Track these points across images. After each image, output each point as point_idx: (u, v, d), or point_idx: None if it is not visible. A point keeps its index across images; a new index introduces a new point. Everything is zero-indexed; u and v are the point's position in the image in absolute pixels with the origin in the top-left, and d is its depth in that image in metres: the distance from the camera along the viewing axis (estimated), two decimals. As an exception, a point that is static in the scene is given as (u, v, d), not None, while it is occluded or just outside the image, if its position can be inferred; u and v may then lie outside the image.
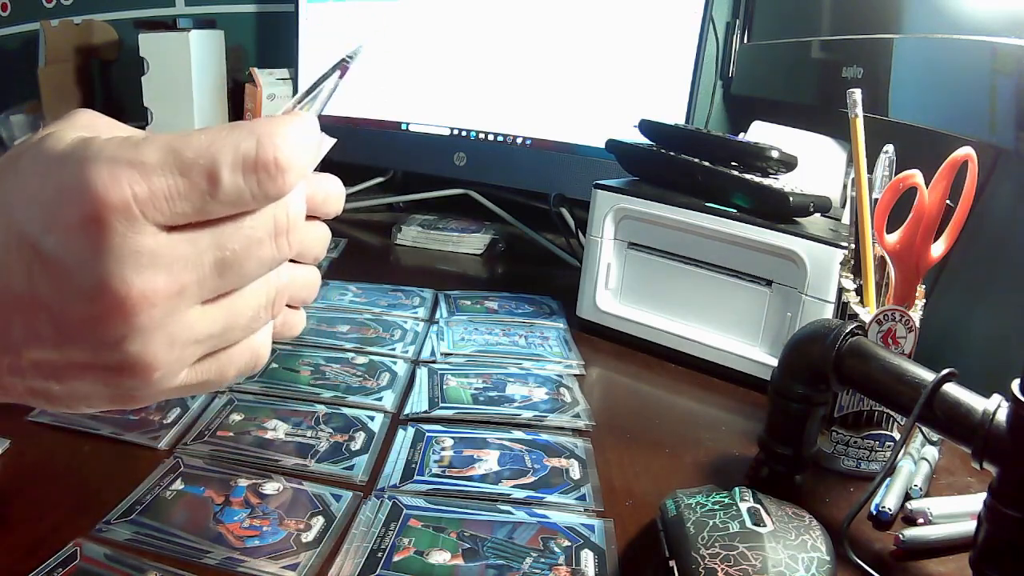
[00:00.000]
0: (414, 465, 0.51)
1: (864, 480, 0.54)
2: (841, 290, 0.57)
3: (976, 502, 0.41)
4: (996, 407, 0.39)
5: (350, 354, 0.67)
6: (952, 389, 0.41)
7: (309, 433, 0.54)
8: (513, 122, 1.07)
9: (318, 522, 0.44)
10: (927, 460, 0.54)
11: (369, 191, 1.26)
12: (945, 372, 0.42)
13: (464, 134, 1.10)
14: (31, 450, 0.49)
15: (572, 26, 1.01)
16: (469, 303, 0.83)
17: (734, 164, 0.72)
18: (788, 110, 0.94)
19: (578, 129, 1.02)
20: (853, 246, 0.56)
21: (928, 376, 0.43)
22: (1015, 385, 0.38)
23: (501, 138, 1.08)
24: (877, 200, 0.53)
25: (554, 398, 0.62)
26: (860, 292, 0.55)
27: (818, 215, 0.68)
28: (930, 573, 0.45)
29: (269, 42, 1.41)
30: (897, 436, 0.54)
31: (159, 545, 0.41)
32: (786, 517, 0.41)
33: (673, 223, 0.71)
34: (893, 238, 0.52)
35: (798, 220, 0.67)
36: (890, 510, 0.48)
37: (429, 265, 1.01)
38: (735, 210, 0.68)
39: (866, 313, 0.54)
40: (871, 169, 0.55)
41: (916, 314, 0.52)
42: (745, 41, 1.15)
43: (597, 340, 0.76)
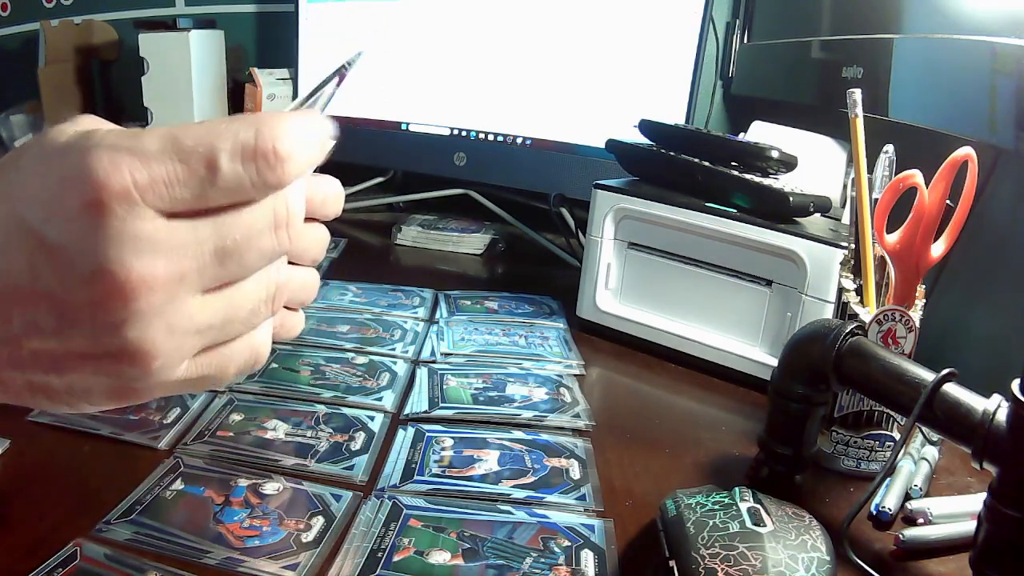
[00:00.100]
0: (414, 465, 0.51)
1: (864, 480, 0.54)
2: (841, 290, 0.57)
3: (976, 502, 0.41)
4: (996, 407, 0.39)
5: (350, 354, 0.67)
6: (952, 389, 0.41)
7: (309, 433, 0.54)
8: (513, 122, 1.07)
9: (318, 522, 0.44)
10: (927, 460, 0.54)
11: (369, 191, 1.26)
12: (945, 372, 0.42)
13: (464, 134, 1.10)
14: (31, 450, 0.49)
15: (572, 26, 1.01)
16: (469, 303, 0.83)
17: (734, 164, 0.72)
18: (788, 110, 0.94)
19: (578, 129, 1.02)
20: (853, 246, 0.56)
21: (928, 376, 0.43)
22: (1015, 385, 0.38)
23: (501, 138, 1.08)
24: (877, 200, 0.53)
25: (554, 398, 0.62)
26: (860, 292, 0.55)
27: (818, 215, 0.69)
28: (930, 573, 0.45)
29: (269, 42, 1.41)
30: (897, 436, 0.54)
31: (159, 545, 0.41)
32: (786, 517, 0.41)
33: (673, 223, 0.71)
34: (893, 238, 0.52)
35: (798, 220, 0.67)
36: (890, 510, 0.48)
37: (429, 265, 1.01)
38: (735, 210, 0.68)
39: (866, 313, 0.54)
40: (871, 169, 0.55)
41: (916, 314, 0.52)
42: (745, 41, 1.15)
43: (597, 340, 0.76)
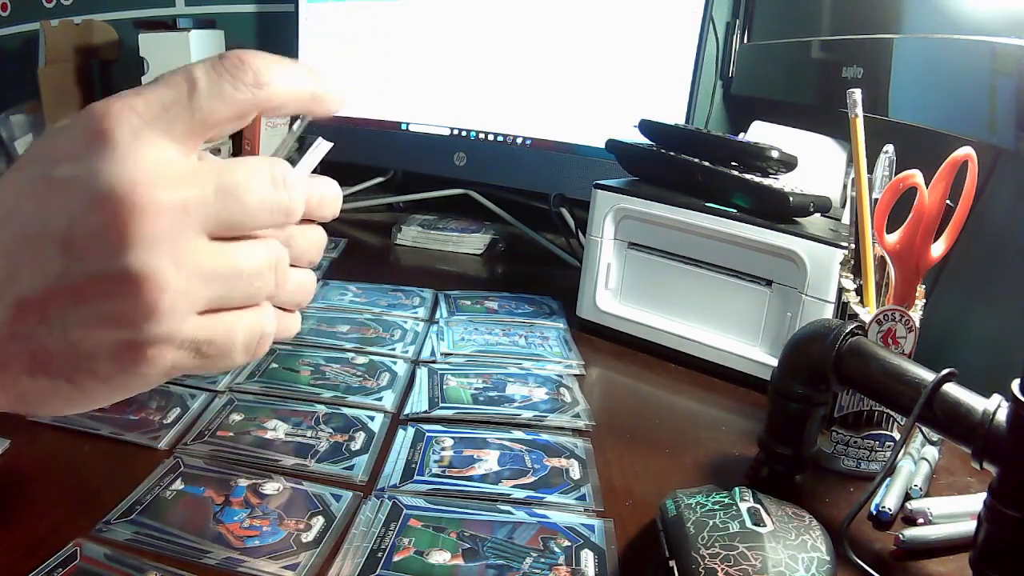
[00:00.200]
0: (414, 465, 0.51)
1: (864, 480, 0.54)
2: (841, 290, 0.57)
3: (976, 502, 0.41)
4: (996, 407, 0.39)
5: (350, 354, 0.67)
6: (952, 389, 0.41)
7: (309, 433, 0.54)
8: (513, 122, 1.07)
9: (318, 522, 0.44)
10: (927, 460, 0.54)
11: (369, 191, 1.26)
12: (945, 372, 0.42)
13: (464, 134, 1.10)
14: (31, 450, 0.49)
15: (572, 26, 1.01)
16: (469, 303, 0.83)
17: (734, 164, 0.72)
18: (788, 110, 0.94)
19: (578, 129, 1.02)
20: (853, 246, 0.56)
21: (928, 376, 0.43)
22: (1015, 385, 0.38)
23: (501, 138, 1.08)
24: (877, 200, 0.53)
25: (554, 398, 0.62)
26: (860, 292, 0.55)
27: (818, 215, 0.68)
28: (930, 573, 0.45)
29: (269, 42, 1.41)
30: (897, 436, 0.54)
31: (159, 545, 0.41)
32: (786, 517, 0.41)
33: (673, 223, 0.71)
34: (893, 238, 0.52)
35: (798, 220, 0.67)
36: (890, 510, 0.48)
37: (429, 265, 1.01)
38: (735, 210, 0.68)
39: (866, 313, 0.54)
40: (871, 169, 0.55)
41: (916, 314, 0.52)
42: (745, 41, 1.15)
43: (597, 340, 0.76)
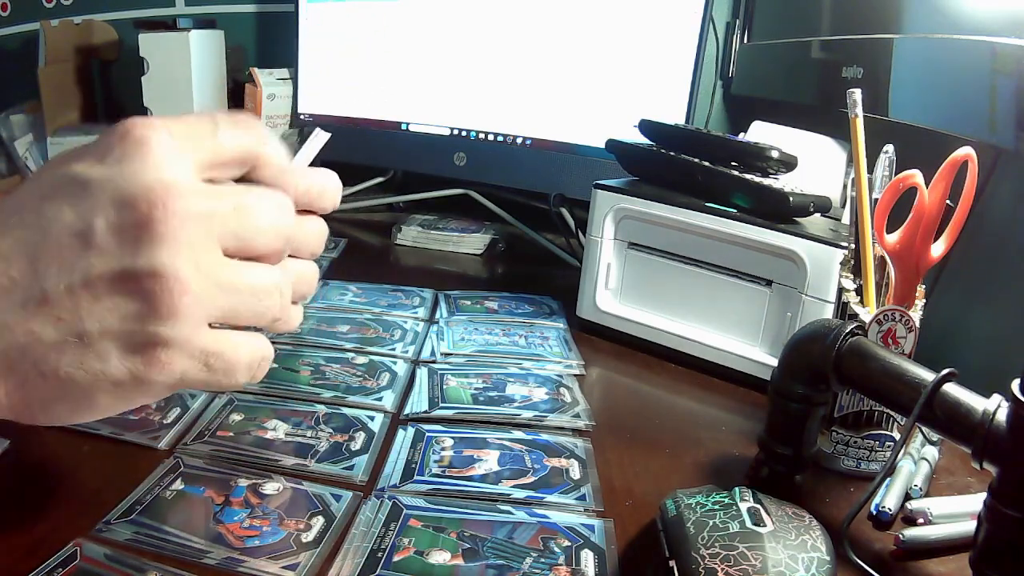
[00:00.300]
0: (414, 465, 0.51)
1: (864, 480, 0.54)
2: (841, 290, 0.57)
3: (976, 502, 0.41)
4: (996, 407, 0.39)
5: (350, 354, 0.67)
6: (952, 389, 0.41)
7: (309, 433, 0.54)
8: (513, 122, 1.07)
9: (318, 522, 0.44)
10: (927, 460, 0.54)
11: (369, 191, 1.26)
12: (945, 372, 0.42)
13: (464, 134, 1.10)
14: (31, 450, 0.49)
15: (572, 26, 1.01)
16: (469, 303, 0.83)
17: (734, 164, 0.72)
18: (788, 110, 0.94)
19: (578, 129, 1.02)
20: (853, 246, 0.56)
21: (928, 376, 0.43)
22: (1015, 385, 0.38)
23: (501, 138, 1.08)
24: (877, 200, 0.53)
25: (554, 398, 0.62)
26: (860, 292, 0.55)
27: (818, 215, 0.68)
28: (930, 573, 0.45)
29: (269, 42, 1.41)
30: (897, 436, 0.54)
31: (159, 545, 0.41)
32: (786, 517, 0.41)
33: (673, 223, 0.71)
34: (893, 238, 0.52)
35: (798, 220, 0.67)
36: (890, 510, 0.48)
37: (429, 265, 1.01)
38: (735, 210, 0.68)
39: (866, 313, 0.54)
40: (871, 169, 0.55)
41: (916, 314, 0.52)
42: (745, 41, 1.15)
43: (597, 340, 0.76)
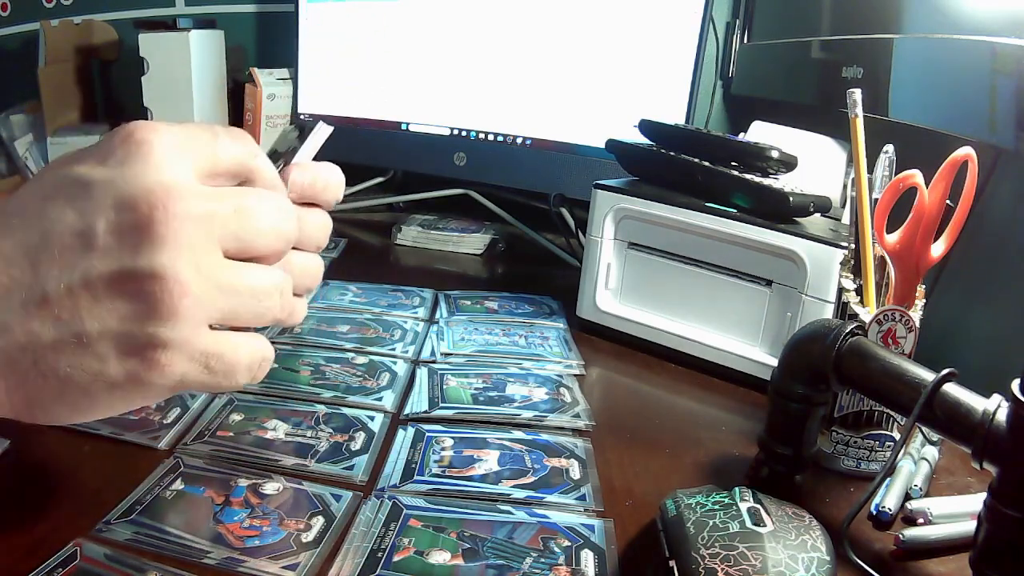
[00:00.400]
0: (414, 465, 0.51)
1: (864, 480, 0.54)
2: (841, 290, 0.57)
3: (976, 502, 0.41)
4: (996, 407, 0.39)
5: (350, 354, 0.67)
6: (952, 389, 0.41)
7: (309, 433, 0.54)
8: (513, 122, 1.07)
9: (318, 522, 0.44)
10: (927, 460, 0.54)
11: (369, 191, 1.26)
12: (945, 372, 0.42)
13: (464, 134, 1.10)
14: (31, 450, 0.49)
15: (572, 26, 1.01)
16: (469, 303, 0.83)
17: (734, 164, 0.72)
18: (788, 110, 0.94)
19: (578, 129, 1.02)
20: (853, 246, 0.56)
21: (928, 376, 0.43)
22: (1015, 385, 0.38)
23: (501, 138, 1.08)
24: (877, 200, 0.53)
25: (554, 398, 0.62)
26: (860, 292, 0.55)
27: (818, 215, 0.68)
28: (930, 573, 0.45)
29: (269, 42, 1.41)
30: (897, 436, 0.54)
31: (159, 545, 0.41)
32: (786, 517, 0.41)
33: (673, 223, 0.71)
34: (893, 238, 0.52)
35: (798, 220, 0.67)
36: (890, 510, 0.48)
37: (429, 265, 1.01)
38: (735, 210, 0.68)
39: (866, 313, 0.54)
40: (871, 169, 0.55)
41: (916, 314, 0.52)
42: (745, 41, 1.15)
43: (597, 340, 0.76)
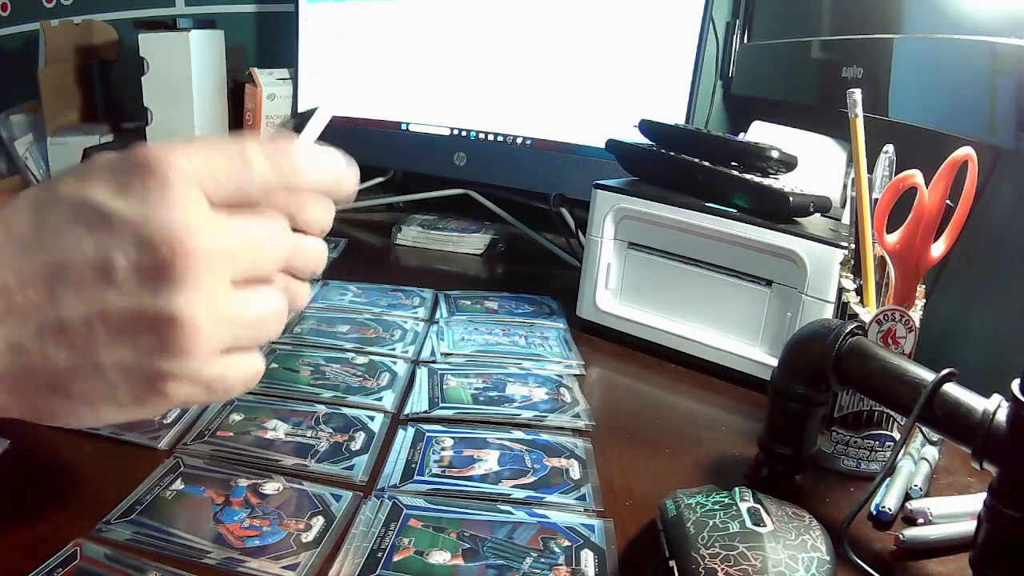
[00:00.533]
0: (414, 465, 0.51)
1: (864, 480, 0.54)
2: (841, 290, 0.57)
3: (976, 502, 0.41)
4: (996, 407, 0.39)
5: (350, 354, 0.67)
6: (952, 389, 0.41)
7: (309, 433, 0.54)
8: (513, 122, 1.07)
9: (318, 522, 0.44)
10: (927, 460, 0.54)
11: (369, 191, 1.26)
12: (945, 372, 0.42)
13: (464, 134, 1.10)
14: (31, 450, 0.49)
15: (572, 26, 1.01)
16: (469, 303, 0.83)
17: (734, 164, 0.72)
18: (788, 110, 0.94)
19: (578, 129, 1.02)
20: (853, 246, 0.56)
21: (928, 376, 0.43)
22: (1015, 385, 0.38)
23: (501, 138, 1.08)
24: (877, 200, 0.53)
25: (554, 398, 0.62)
26: (860, 292, 0.55)
27: (818, 215, 0.68)
28: (930, 573, 0.45)
29: (269, 42, 1.41)
30: (897, 436, 0.54)
31: (159, 545, 0.41)
32: (786, 517, 0.41)
33: (673, 223, 0.71)
34: (893, 238, 0.52)
35: (798, 220, 0.67)
36: (890, 510, 0.48)
37: (429, 265, 1.01)
38: (735, 210, 0.68)
39: (866, 313, 0.54)
40: (871, 169, 0.55)
41: (916, 314, 0.52)
42: (745, 41, 1.15)
43: (597, 340, 0.76)
